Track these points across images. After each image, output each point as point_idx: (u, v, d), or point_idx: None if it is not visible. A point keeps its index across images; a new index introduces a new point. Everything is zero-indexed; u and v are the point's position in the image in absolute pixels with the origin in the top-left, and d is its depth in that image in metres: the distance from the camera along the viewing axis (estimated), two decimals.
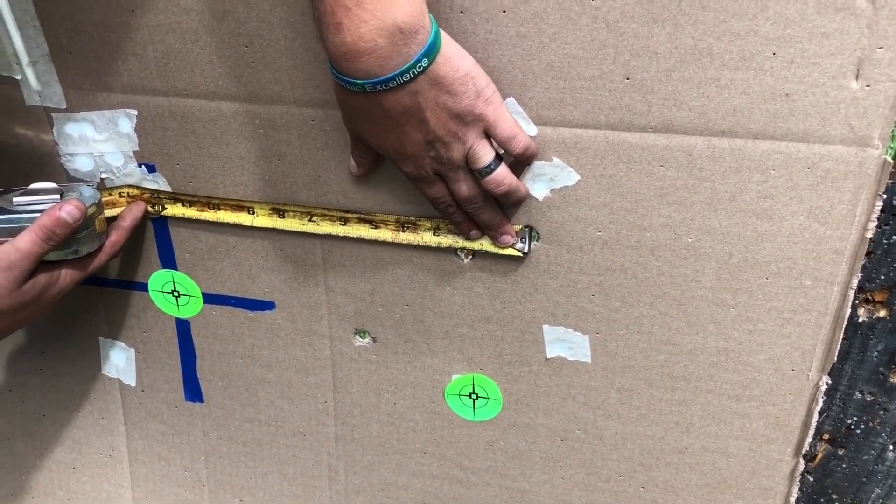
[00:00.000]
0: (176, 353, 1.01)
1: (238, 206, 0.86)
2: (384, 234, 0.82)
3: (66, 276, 0.80)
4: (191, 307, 0.96)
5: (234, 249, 0.89)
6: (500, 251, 0.80)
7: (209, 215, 0.86)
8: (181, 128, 0.83)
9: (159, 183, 0.87)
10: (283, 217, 0.84)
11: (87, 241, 0.80)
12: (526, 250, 0.80)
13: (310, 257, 0.87)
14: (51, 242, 0.76)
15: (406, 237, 0.82)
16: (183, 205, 0.87)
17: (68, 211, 0.76)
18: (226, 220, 0.86)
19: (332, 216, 0.83)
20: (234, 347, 0.97)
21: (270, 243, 0.88)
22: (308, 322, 0.92)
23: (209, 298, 0.94)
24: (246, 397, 1.01)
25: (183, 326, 0.98)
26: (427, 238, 0.82)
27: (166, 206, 0.88)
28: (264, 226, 0.85)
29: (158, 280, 0.95)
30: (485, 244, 0.81)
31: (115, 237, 0.85)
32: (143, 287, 0.96)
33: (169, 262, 0.93)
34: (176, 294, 0.95)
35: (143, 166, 0.87)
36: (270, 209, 0.85)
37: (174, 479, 1.11)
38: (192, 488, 1.10)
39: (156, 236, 0.91)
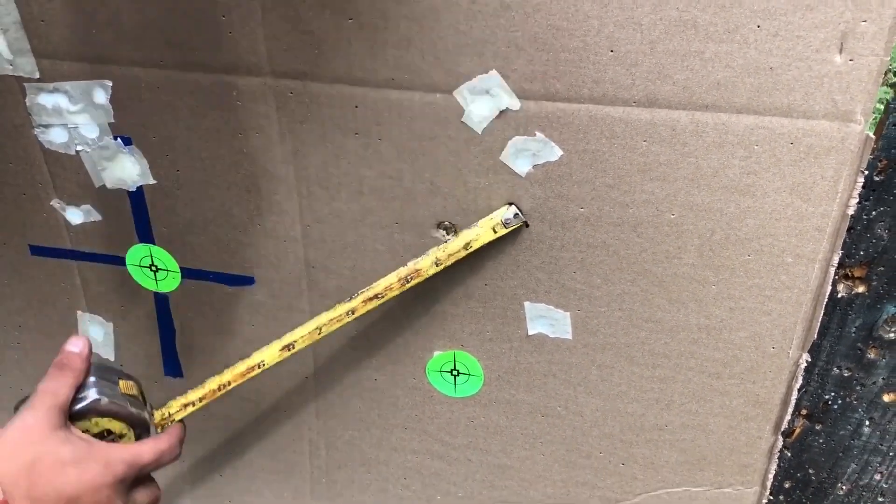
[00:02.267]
0: (155, 327, 1.00)
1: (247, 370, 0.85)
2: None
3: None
4: (169, 282, 0.95)
5: (212, 224, 0.88)
6: (499, 233, 0.79)
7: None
8: (157, 99, 0.81)
9: (135, 156, 0.86)
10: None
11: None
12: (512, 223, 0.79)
13: (289, 232, 0.86)
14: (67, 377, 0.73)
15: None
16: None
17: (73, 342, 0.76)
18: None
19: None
20: (214, 322, 0.96)
21: (248, 218, 0.86)
22: (288, 298, 0.91)
23: (187, 273, 0.93)
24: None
25: (162, 301, 0.97)
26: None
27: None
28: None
29: (136, 254, 0.94)
30: (481, 236, 0.80)
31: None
32: (121, 261, 0.95)
33: (146, 235, 0.92)
34: (154, 268, 0.94)
35: (118, 139, 0.85)
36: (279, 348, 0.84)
37: None
38: (172, 464, 1.10)
39: (132, 209, 0.90)
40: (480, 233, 0.79)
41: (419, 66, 0.73)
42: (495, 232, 0.79)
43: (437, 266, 0.79)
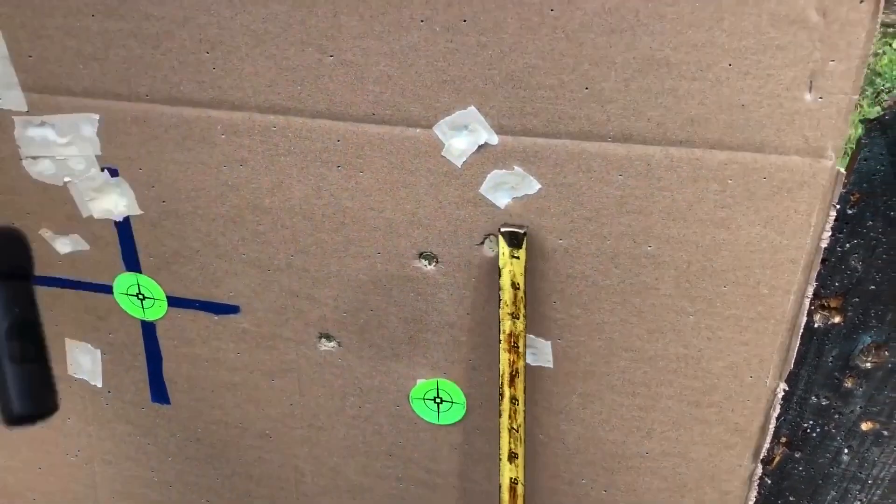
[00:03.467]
0: (142, 354, 1.00)
1: None
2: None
3: None
4: (156, 310, 0.95)
5: (198, 254, 0.89)
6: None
7: None
8: (143, 133, 0.83)
9: (122, 187, 0.87)
10: None
11: None
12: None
13: (273, 262, 0.87)
14: None
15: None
16: None
17: None
18: None
19: None
20: (200, 350, 0.97)
21: (234, 248, 0.87)
22: (273, 326, 0.92)
23: (174, 301, 0.94)
24: (212, 399, 1.00)
25: (148, 329, 0.98)
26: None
27: None
28: None
29: (123, 283, 0.94)
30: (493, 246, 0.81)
31: None
32: (109, 289, 0.96)
33: (133, 265, 0.92)
34: (141, 297, 0.95)
35: (105, 170, 0.86)
36: None
37: (141, 480, 1.10)
38: (159, 489, 1.10)
39: (119, 239, 0.91)
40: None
41: (399, 101, 0.74)
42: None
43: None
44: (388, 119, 0.75)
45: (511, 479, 0.88)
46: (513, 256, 0.78)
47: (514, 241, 0.77)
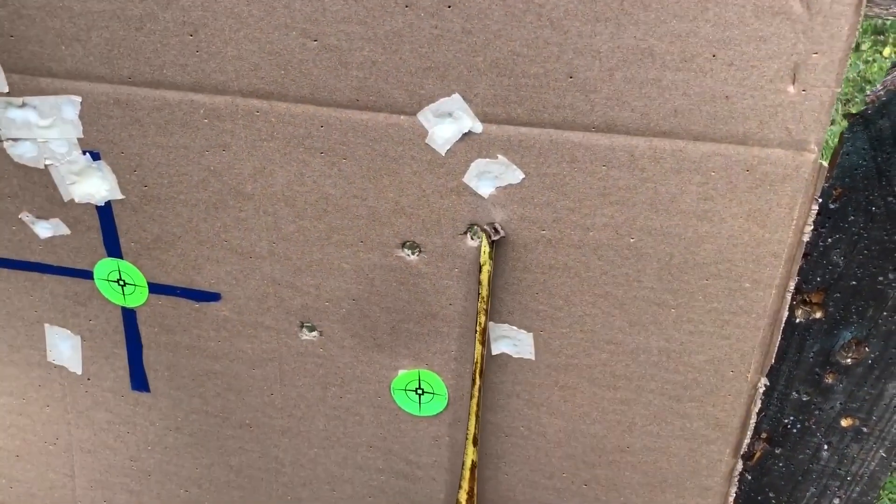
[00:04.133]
0: (122, 342, 1.00)
1: None
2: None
3: None
4: (137, 296, 0.95)
5: (180, 240, 0.88)
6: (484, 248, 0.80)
7: None
8: (126, 116, 0.82)
9: (103, 171, 0.86)
10: None
11: None
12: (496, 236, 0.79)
13: (255, 249, 0.87)
14: None
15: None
16: None
17: None
18: None
19: None
20: (181, 338, 0.96)
21: (216, 234, 0.87)
22: (254, 314, 0.92)
23: (155, 288, 0.93)
24: (192, 388, 1.00)
25: (129, 315, 0.97)
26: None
27: None
28: None
29: (104, 268, 0.94)
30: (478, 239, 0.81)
31: None
32: (89, 275, 0.95)
33: (114, 250, 0.92)
34: (122, 283, 0.94)
35: (87, 154, 0.86)
36: None
37: (120, 469, 1.10)
38: (138, 478, 1.10)
39: (101, 224, 0.90)
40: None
41: (383, 87, 0.74)
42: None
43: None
44: (371, 105, 0.75)
45: (472, 461, 0.88)
46: (490, 258, 0.78)
47: (494, 244, 0.78)
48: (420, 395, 0.92)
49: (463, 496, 0.91)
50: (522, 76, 0.71)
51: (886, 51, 3.18)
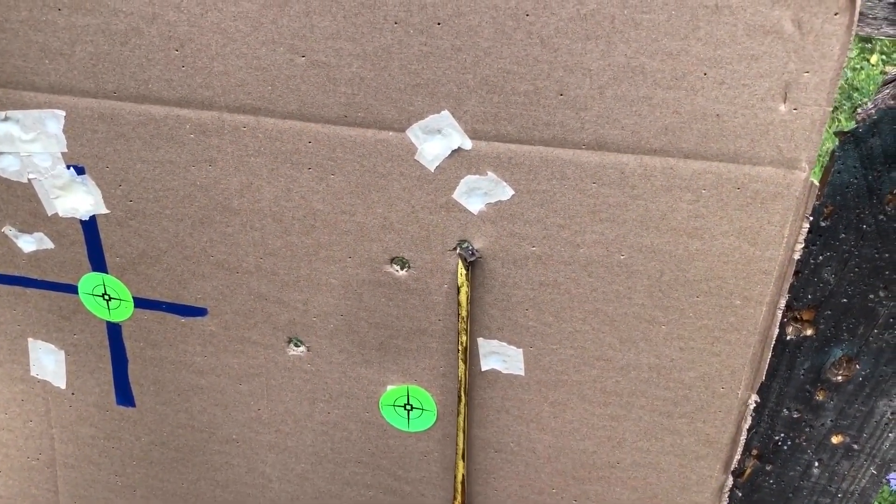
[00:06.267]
0: (107, 356, 0.98)
1: None
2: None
3: None
4: (122, 311, 0.94)
5: (165, 255, 0.87)
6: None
7: None
8: (110, 130, 0.81)
9: (88, 186, 0.85)
10: None
11: None
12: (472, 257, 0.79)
13: (242, 265, 0.86)
14: None
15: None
16: None
17: None
18: None
19: None
20: (166, 353, 0.95)
21: (202, 249, 0.86)
22: (241, 329, 0.91)
23: (140, 303, 0.92)
24: (178, 403, 0.99)
25: (114, 330, 0.96)
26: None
27: None
28: None
29: (89, 283, 0.93)
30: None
31: None
32: (74, 289, 0.94)
33: (99, 264, 0.91)
34: (107, 297, 0.93)
35: (71, 168, 0.84)
36: None
37: (104, 484, 1.08)
38: (123, 493, 1.08)
39: (85, 238, 0.89)
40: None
41: (372, 103, 0.73)
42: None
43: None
44: (360, 121, 0.74)
45: (462, 475, 0.88)
46: (468, 279, 0.78)
47: (470, 265, 0.77)
48: (409, 410, 0.91)
49: None
50: (512, 93, 0.70)
51: (874, 58, 3.20)
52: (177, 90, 0.77)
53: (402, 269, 0.82)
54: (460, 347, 0.82)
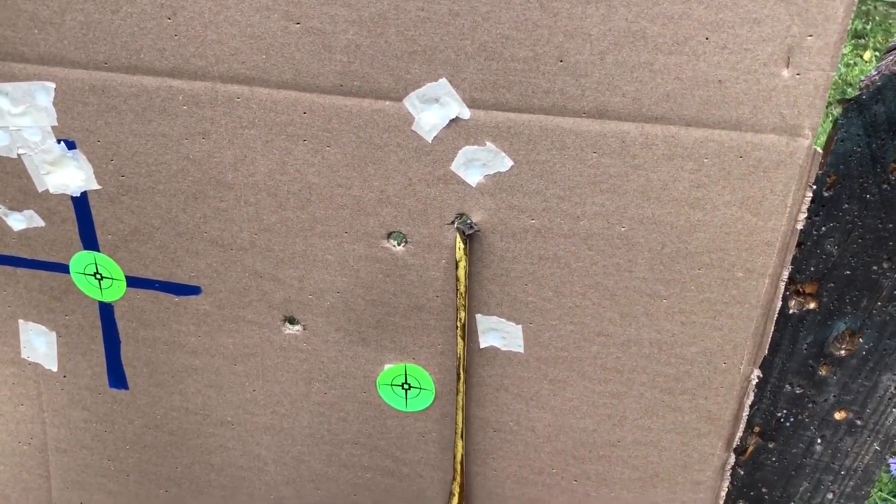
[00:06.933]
0: (99, 337, 0.97)
1: None
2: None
3: None
4: (114, 290, 0.92)
5: (158, 231, 0.86)
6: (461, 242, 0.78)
7: None
8: (101, 103, 0.79)
9: (79, 160, 0.83)
10: None
11: None
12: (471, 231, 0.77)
13: (236, 241, 0.84)
14: None
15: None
16: None
17: None
18: None
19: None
20: (160, 333, 0.94)
21: (195, 226, 0.84)
22: (235, 308, 0.89)
23: (133, 282, 0.91)
24: (172, 385, 0.97)
25: (106, 310, 0.94)
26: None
27: None
28: None
29: (80, 261, 0.91)
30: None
31: None
32: (65, 269, 0.92)
33: (91, 242, 0.89)
34: (99, 276, 0.91)
35: (62, 142, 0.83)
36: None
37: (97, 469, 1.07)
38: (116, 478, 1.07)
39: (76, 216, 0.88)
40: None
41: (368, 72, 0.72)
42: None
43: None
44: (356, 91, 0.73)
45: (462, 455, 0.87)
46: (466, 254, 0.77)
47: (468, 239, 0.76)
48: (406, 389, 0.90)
49: (456, 488, 0.89)
50: (511, 60, 0.69)
51: (867, 54, 3.20)
52: (169, 60, 0.75)
53: (399, 244, 0.81)
54: (459, 324, 0.81)
